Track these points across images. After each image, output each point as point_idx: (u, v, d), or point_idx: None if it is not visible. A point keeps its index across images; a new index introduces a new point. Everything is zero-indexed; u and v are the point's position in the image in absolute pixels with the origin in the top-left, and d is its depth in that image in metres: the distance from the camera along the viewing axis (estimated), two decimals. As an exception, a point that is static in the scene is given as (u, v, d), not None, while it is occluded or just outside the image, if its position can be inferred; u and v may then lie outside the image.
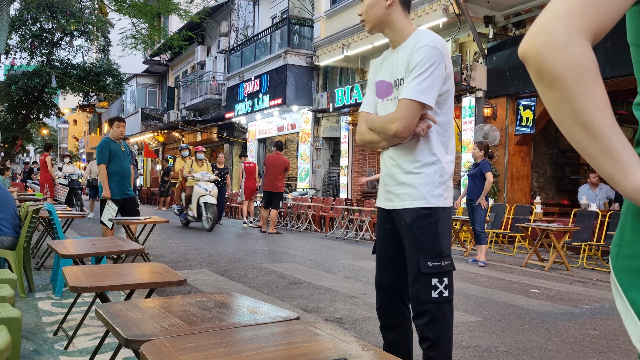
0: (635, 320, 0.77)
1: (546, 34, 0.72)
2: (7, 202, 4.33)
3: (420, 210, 2.10)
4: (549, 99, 0.74)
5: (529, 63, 0.74)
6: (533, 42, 0.73)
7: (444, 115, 2.12)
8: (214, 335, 1.47)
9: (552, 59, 0.71)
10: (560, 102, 0.72)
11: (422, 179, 2.11)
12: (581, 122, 0.72)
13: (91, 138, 41.99)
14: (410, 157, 2.14)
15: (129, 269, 2.99)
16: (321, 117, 15.54)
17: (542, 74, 0.73)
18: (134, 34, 12.41)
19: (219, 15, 21.67)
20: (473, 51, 10.71)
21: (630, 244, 0.80)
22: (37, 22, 23.20)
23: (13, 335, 1.97)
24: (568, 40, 0.70)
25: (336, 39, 13.90)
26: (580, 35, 0.71)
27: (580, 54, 0.70)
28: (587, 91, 0.71)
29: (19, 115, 25.72)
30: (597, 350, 3.44)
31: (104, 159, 6.25)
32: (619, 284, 0.80)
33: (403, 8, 2.17)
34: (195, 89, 22.33)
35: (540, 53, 0.72)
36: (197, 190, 10.89)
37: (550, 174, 12.00)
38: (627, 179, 0.72)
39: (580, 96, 0.71)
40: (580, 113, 0.71)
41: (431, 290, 2.08)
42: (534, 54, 0.73)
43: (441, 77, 2.05)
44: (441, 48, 2.06)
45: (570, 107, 0.72)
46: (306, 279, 5.68)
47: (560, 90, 0.71)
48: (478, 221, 7.22)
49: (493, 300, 4.88)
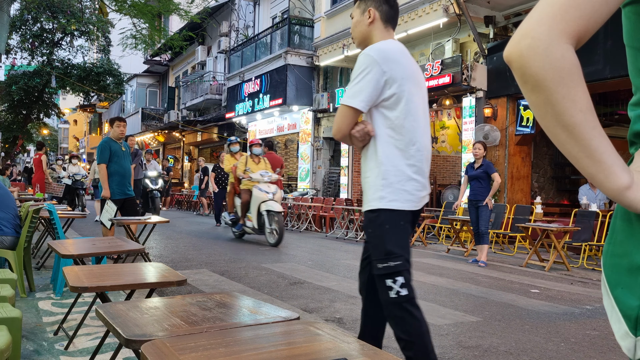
0: (619, 317, 0.78)
1: (529, 37, 0.73)
2: (7, 202, 4.33)
3: (367, 214, 2.22)
4: (533, 102, 0.75)
5: (513, 66, 0.75)
6: (517, 46, 0.74)
7: (396, 118, 2.17)
8: (214, 335, 1.47)
9: (534, 63, 0.72)
10: (543, 105, 0.74)
11: (368, 183, 2.23)
12: (563, 125, 0.73)
13: (92, 138, 42.00)
14: (365, 162, 2.26)
15: (129, 269, 2.99)
16: (321, 117, 15.54)
17: (525, 77, 0.74)
18: (134, 34, 12.41)
19: (219, 15, 21.68)
20: (473, 51, 10.71)
21: (618, 243, 0.81)
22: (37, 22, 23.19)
23: (13, 335, 1.97)
24: (550, 44, 0.71)
25: (336, 39, 13.91)
26: (562, 39, 0.72)
27: (562, 57, 0.71)
28: (568, 94, 0.72)
29: (19, 115, 25.72)
30: (598, 350, 3.44)
31: (105, 158, 6.26)
32: (607, 281, 0.82)
33: (385, 25, 2.33)
34: (196, 89, 22.33)
35: (523, 57, 0.73)
36: (257, 195, 8.64)
37: (551, 174, 12.00)
38: (608, 180, 0.74)
39: (561, 99, 0.72)
40: (562, 116, 0.73)
41: (388, 291, 2.11)
42: (517, 58, 0.74)
43: (374, 80, 2.12)
44: (374, 54, 2.14)
45: (552, 110, 0.73)
46: (306, 279, 5.68)
47: (542, 93, 0.73)
48: (484, 221, 7.23)
49: (493, 300, 4.88)
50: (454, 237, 8.91)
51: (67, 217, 6.61)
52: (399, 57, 2.20)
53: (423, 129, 2.27)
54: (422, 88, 2.34)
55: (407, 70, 2.20)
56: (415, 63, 2.33)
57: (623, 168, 0.75)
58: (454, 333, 3.70)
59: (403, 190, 2.17)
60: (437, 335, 3.63)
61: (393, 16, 2.35)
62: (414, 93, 2.23)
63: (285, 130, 17.28)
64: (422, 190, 2.25)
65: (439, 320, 4.03)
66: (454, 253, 8.44)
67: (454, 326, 3.89)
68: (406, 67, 2.21)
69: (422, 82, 2.34)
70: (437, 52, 11.40)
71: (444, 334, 3.66)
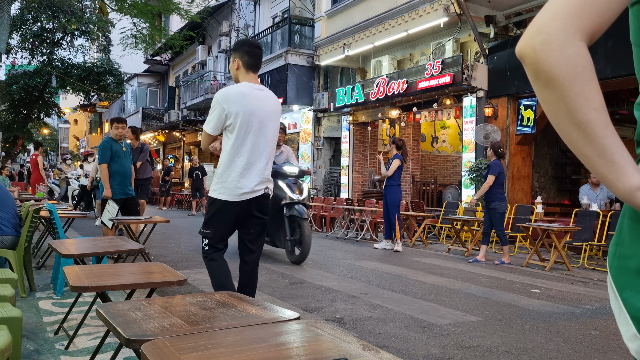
0: (627, 319, 0.78)
1: (543, 33, 0.72)
2: (7, 201, 4.33)
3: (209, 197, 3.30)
4: (545, 99, 0.74)
5: (526, 62, 0.74)
6: (530, 42, 0.73)
7: (235, 139, 3.11)
8: (214, 335, 1.47)
9: (548, 59, 0.71)
10: (555, 102, 0.73)
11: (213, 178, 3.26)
12: (576, 123, 0.72)
13: (92, 138, 41.99)
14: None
15: (129, 268, 2.99)
16: (322, 116, 15.54)
17: (538, 73, 0.73)
18: (134, 34, 12.41)
19: (219, 14, 21.68)
20: (474, 51, 10.70)
21: (626, 244, 0.80)
22: (37, 22, 23.20)
23: (14, 335, 1.97)
24: (564, 40, 0.71)
25: (337, 39, 13.90)
26: (577, 35, 0.71)
27: (576, 54, 0.71)
28: (582, 92, 0.71)
29: (19, 115, 25.72)
30: (598, 350, 3.43)
31: (106, 158, 6.26)
32: (614, 283, 0.81)
33: (247, 70, 3.23)
34: (196, 89, 22.33)
35: (537, 53, 0.72)
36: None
37: (551, 174, 11.99)
38: (619, 180, 0.73)
39: (575, 97, 0.71)
40: (575, 113, 0.72)
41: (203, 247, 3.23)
42: (530, 54, 0.73)
43: (217, 114, 3.09)
44: (219, 96, 3.11)
45: (565, 108, 0.72)
46: (307, 278, 5.68)
47: (556, 90, 0.72)
48: (498, 224, 7.26)
49: (494, 300, 4.88)
50: (454, 237, 8.91)
51: (68, 217, 6.61)
52: (238, 98, 3.10)
53: (253, 148, 3.13)
54: (264, 118, 3.16)
55: (245, 107, 3.09)
56: (263, 99, 3.20)
57: (635, 168, 0.74)
58: (454, 333, 3.70)
59: (227, 188, 3.11)
60: (437, 335, 3.63)
61: (253, 64, 3.24)
62: (251, 123, 3.10)
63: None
64: (243, 189, 3.12)
65: (439, 320, 4.02)
66: (455, 253, 8.44)
67: (455, 326, 3.88)
68: (245, 105, 3.09)
69: (263, 114, 3.16)
70: (437, 51, 11.39)
71: (445, 334, 3.65)
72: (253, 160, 3.13)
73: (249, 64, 3.22)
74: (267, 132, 3.20)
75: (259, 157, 3.15)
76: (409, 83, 11.05)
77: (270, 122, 3.21)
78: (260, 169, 3.15)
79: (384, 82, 11.67)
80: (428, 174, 14.27)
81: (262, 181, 3.17)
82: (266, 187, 3.20)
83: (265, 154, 3.19)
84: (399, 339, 3.52)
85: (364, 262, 7.04)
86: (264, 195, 3.19)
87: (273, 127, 3.25)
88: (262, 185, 3.17)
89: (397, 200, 8.28)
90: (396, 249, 8.27)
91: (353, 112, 14.05)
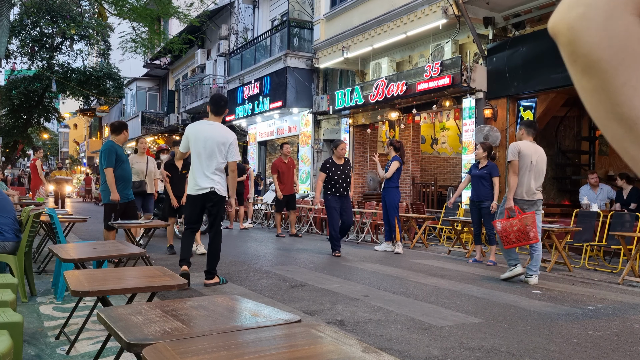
0: None
1: (583, 5, 0.56)
2: (7, 207, 4.33)
3: None
4: (583, 87, 0.59)
5: (560, 42, 0.58)
6: (566, 16, 0.57)
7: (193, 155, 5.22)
8: (215, 338, 1.46)
9: (588, 39, 0.55)
10: (596, 92, 0.57)
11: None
12: (621, 118, 0.56)
13: (92, 142, 42.03)
14: None
15: (130, 272, 2.99)
16: (321, 119, 15.55)
17: (575, 56, 0.57)
18: (134, 38, 12.42)
19: (218, 18, 21.71)
20: (473, 52, 10.71)
21: None
22: (37, 27, 23.25)
23: (15, 340, 1.97)
24: (611, 14, 0.54)
25: (336, 41, 13.91)
26: (627, 7, 0.54)
27: (625, 32, 0.54)
28: (630, 80, 0.55)
29: (19, 119, 25.76)
30: (600, 350, 3.43)
31: (112, 162, 6.21)
32: None
33: (211, 114, 5.31)
34: (196, 92, 22.34)
35: (574, 30, 0.56)
36: None
37: (551, 175, 11.99)
38: None
39: (621, 86, 0.55)
40: (620, 107, 0.56)
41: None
42: (565, 31, 0.57)
43: (185, 140, 5.28)
44: (187, 130, 5.25)
45: (608, 99, 0.56)
46: (308, 281, 5.67)
47: (596, 77, 0.56)
48: (489, 223, 7.27)
49: (495, 301, 4.87)
50: (455, 238, 8.90)
51: (68, 222, 6.61)
52: (195, 131, 5.19)
53: (198, 162, 5.15)
54: (207, 141, 5.11)
55: (197, 134, 5.16)
56: (208, 130, 5.18)
57: None
58: (455, 334, 3.69)
59: (190, 185, 5.20)
60: (439, 336, 3.62)
61: (216, 111, 5.30)
62: (198, 146, 5.13)
63: (285, 133, 17.28)
64: (197, 186, 5.13)
65: (440, 322, 4.02)
66: (455, 254, 8.44)
67: (456, 327, 3.88)
68: (196, 133, 5.17)
69: (207, 139, 5.11)
70: (436, 53, 11.40)
71: (446, 336, 3.65)
72: (200, 171, 5.14)
73: (212, 110, 5.31)
74: (211, 152, 5.14)
75: (204, 169, 5.12)
76: (408, 85, 11.06)
77: (212, 147, 5.14)
78: (207, 174, 5.12)
79: (383, 84, 11.68)
80: (428, 175, 14.28)
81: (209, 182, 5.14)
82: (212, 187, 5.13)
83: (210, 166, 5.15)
84: (400, 341, 3.52)
85: (365, 265, 7.03)
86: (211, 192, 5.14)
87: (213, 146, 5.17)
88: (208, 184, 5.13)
89: (395, 202, 8.29)
90: (397, 251, 8.27)
91: (352, 114, 14.06)
